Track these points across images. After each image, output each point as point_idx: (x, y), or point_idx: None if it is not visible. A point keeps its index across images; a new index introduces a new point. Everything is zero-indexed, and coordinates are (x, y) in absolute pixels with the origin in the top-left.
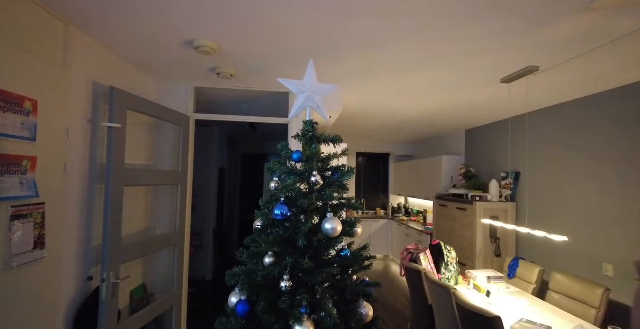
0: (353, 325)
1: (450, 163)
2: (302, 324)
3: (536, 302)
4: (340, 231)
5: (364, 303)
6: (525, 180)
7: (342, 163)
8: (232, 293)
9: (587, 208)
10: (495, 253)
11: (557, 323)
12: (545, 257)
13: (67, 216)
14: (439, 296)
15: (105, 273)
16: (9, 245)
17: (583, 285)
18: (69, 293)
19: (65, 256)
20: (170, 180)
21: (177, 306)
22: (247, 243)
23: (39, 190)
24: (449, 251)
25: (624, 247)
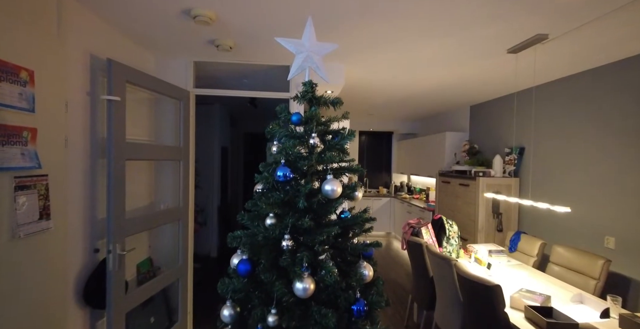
0: (354, 284)
1: (454, 140)
2: (302, 281)
3: (536, 274)
4: (340, 193)
5: (364, 263)
6: (530, 155)
7: (342, 127)
8: (233, 256)
9: (591, 182)
10: (497, 228)
11: (557, 292)
12: (547, 231)
13: (71, 189)
14: (440, 268)
15: (111, 245)
16: (15, 215)
17: (584, 257)
18: (76, 264)
19: (71, 228)
20: (173, 155)
21: (183, 279)
22: (249, 206)
23: (42, 162)
24: (451, 225)
25: (627, 220)
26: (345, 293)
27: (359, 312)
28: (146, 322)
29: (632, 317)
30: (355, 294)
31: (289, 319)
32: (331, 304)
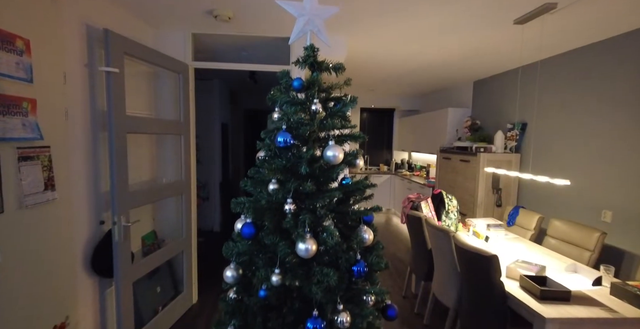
0: (354, 247)
1: (456, 116)
2: (305, 242)
3: (533, 246)
4: (342, 159)
5: (364, 227)
6: (532, 131)
7: (344, 94)
8: (237, 220)
9: (591, 156)
10: (497, 203)
11: (552, 263)
12: (545, 206)
13: (73, 161)
14: (438, 240)
15: (116, 217)
16: (20, 185)
17: (580, 230)
18: (83, 235)
19: (76, 199)
20: (173, 129)
21: (187, 251)
22: (251, 173)
23: (43, 134)
24: (451, 199)
25: (624, 195)
26: (346, 254)
27: (359, 273)
28: (153, 292)
29: (624, 285)
30: (355, 256)
31: (292, 278)
32: (332, 265)
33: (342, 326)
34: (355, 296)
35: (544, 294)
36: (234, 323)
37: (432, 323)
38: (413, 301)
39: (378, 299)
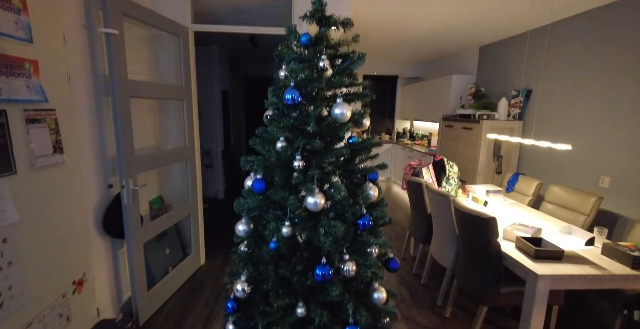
0: (360, 202)
1: (460, 83)
2: (314, 196)
3: (530, 211)
4: (349, 117)
5: (370, 184)
6: (537, 98)
7: (352, 50)
8: (247, 178)
9: (595, 123)
10: (497, 170)
11: (548, 226)
12: (545, 172)
13: (79, 125)
14: (438, 204)
15: (123, 181)
16: (29, 147)
17: (577, 195)
18: (93, 198)
19: (84, 163)
20: (175, 95)
21: (194, 215)
22: (260, 132)
23: (48, 97)
24: (452, 166)
25: (624, 161)
26: (352, 208)
27: (365, 226)
28: (162, 253)
29: (615, 245)
30: (361, 210)
31: (301, 229)
32: (339, 219)
33: (347, 274)
34: (361, 248)
35: (538, 254)
36: (247, 270)
37: (429, 283)
38: (411, 263)
39: (381, 251)
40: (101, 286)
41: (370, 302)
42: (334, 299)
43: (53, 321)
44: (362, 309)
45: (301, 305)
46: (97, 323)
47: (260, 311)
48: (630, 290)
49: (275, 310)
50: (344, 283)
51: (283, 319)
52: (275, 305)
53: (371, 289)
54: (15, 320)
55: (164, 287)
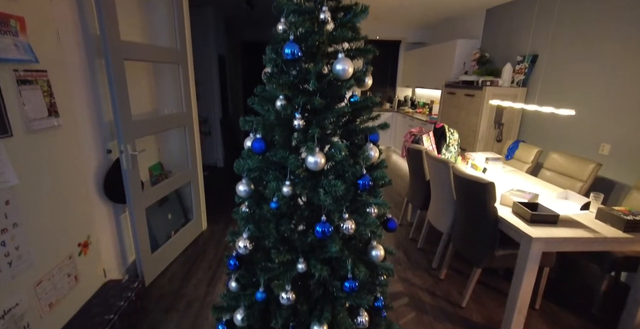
0: (360, 162)
1: (464, 48)
2: (314, 155)
3: (528, 178)
4: (351, 73)
5: (370, 145)
6: (542, 64)
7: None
8: (246, 139)
9: (600, 90)
10: (497, 138)
11: (545, 192)
12: (546, 140)
13: (73, 88)
14: (437, 171)
15: (122, 146)
16: (23, 109)
17: (576, 162)
18: (92, 163)
19: (81, 127)
20: (171, 58)
21: (194, 182)
22: (258, 91)
23: (38, 57)
24: (452, 133)
25: (625, 128)
26: (352, 168)
27: (364, 186)
28: (164, 218)
29: (609, 209)
30: (361, 170)
31: (301, 189)
32: (339, 178)
33: (347, 232)
34: (360, 208)
35: (534, 218)
36: (248, 228)
37: (425, 247)
38: (408, 228)
39: (380, 211)
40: (106, 249)
41: (369, 259)
42: (333, 255)
43: (62, 281)
44: (361, 265)
45: (302, 261)
46: (104, 283)
47: (261, 267)
48: (619, 252)
49: (277, 266)
50: (343, 241)
51: (284, 274)
52: (277, 261)
53: (369, 247)
54: (25, 278)
55: (168, 250)
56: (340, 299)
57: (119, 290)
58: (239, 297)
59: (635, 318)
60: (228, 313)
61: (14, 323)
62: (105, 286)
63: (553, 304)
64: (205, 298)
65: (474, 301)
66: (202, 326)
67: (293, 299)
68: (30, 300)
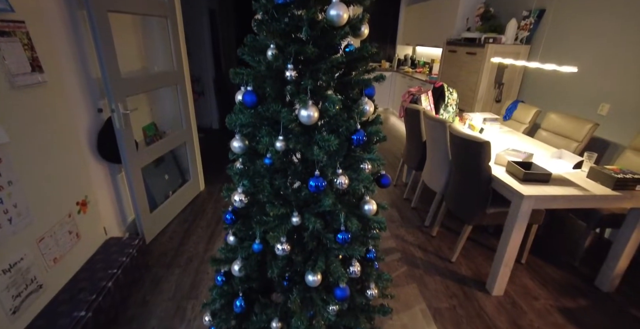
0: (355, 117)
1: (468, 3)
2: (307, 108)
3: (525, 138)
4: (346, 20)
5: (365, 99)
6: (548, 20)
7: None
8: (237, 92)
9: (605, 47)
10: (496, 99)
11: (540, 152)
12: (545, 100)
13: (55, 42)
14: (434, 131)
15: (113, 104)
16: (4, 63)
17: (573, 122)
18: (83, 122)
19: (68, 84)
20: (158, 10)
21: (190, 142)
22: (248, 41)
23: (13, 7)
24: (451, 93)
25: (626, 87)
26: (346, 123)
27: (358, 141)
28: (161, 178)
29: (601, 168)
30: (356, 125)
31: (295, 143)
32: (333, 133)
33: (340, 187)
34: (354, 164)
35: (527, 177)
36: (243, 184)
37: (419, 206)
38: (403, 189)
39: (374, 167)
40: (105, 208)
41: (361, 213)
42: (326, 209)
43: (64, 237)
44: (353, 218)
45: (296, 214)
46: (106, 240)
47: (257, 220)
48: (606, 210)
49: (272, 219)
50: (336, 196)
51: (279, 227)
52: (272, 214)
53: (362, 202)
54: (27, 234)
55: (166, 210)
56: (333, 251)
57: (120, 247)
58: (236, 249)
59: (614, 271)
60: (226, 265)
61: (21, 276)
62: (106, 244)
63: (538, 258)
64: (205, 254)
65: (464, 256)
66: (203, 280)
67: (288, 251)
68: (34, 255)
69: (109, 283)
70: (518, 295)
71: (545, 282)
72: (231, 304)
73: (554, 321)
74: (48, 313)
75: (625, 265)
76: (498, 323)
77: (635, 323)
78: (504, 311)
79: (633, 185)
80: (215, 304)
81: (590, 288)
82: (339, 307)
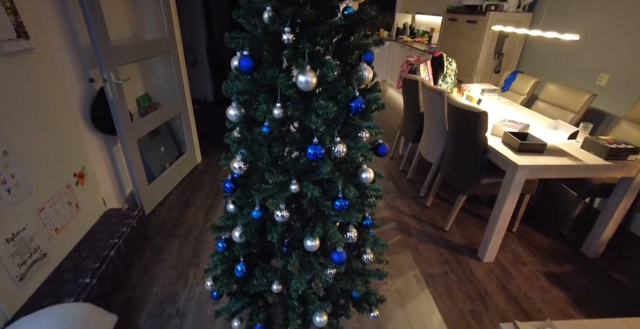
0: (353, 83)
1: None
2: (305, 74)
3: (522, 109)
4: None
5: (364, 65)
6: None
7: None
8: (233, 58)
9: (608, 16)
10: (495, 69)
11: (536, 123)
12: (545, 70)
13: (39, 6)
14: (432, 102)
15: (105, 73)
16: None
17: (571, 93)
18: (75, 92)
19: (57, 53)
20: None
21: (185, 114)
22: (243, 2)
23: None
24: (450, 62)
25: (627, 57)
26: (345, 89)
27: (357, 108)
28: (157, 151)
29: (595, 139)
30: (354, 91)
31: (293, 110)
32: (331, 100)
33: (338, 155)
34: (352, 132)
35: (522, 147)
36: (241, 152)
37: (415, 178)
38: (399, 161)
39: (372, 135)
40: (103, 180)
41: (358, 181)
42: (324, 177)
43: (64, 208)
44: (351, 186)
45: (294, 182)
46: (105, 211)
47: (256, 188)
48: (597, 180)
49: (271, 187)
50: (334, 164)
51: (278, 194)
52: (271, 181)
53: (360, 170)
54: (27, 205)
55: (164, 182)
56: (331, 217)
57: (120, 218)
58: (236, 217)
59: (600, 238)
60: (227, 232)
61: (24, 245)
62: (106, 215)
63: (529, 227)
64: (205, 225)
65: (457, 225)
66: (203, 249)
67: (287, 217)
68: (36, 225)
69: (111, 252)
70: (508, 261)
71: (534, 249)
72: (232, 270)
73: (540, 285)
74: (54, 280)
75: (611, 232)
76: (487, 287)
77: (615, 285)
78: (494, 276)
79: (625, 154)
80: (216, 269)
81: (576, 255)
82: (336, 270)
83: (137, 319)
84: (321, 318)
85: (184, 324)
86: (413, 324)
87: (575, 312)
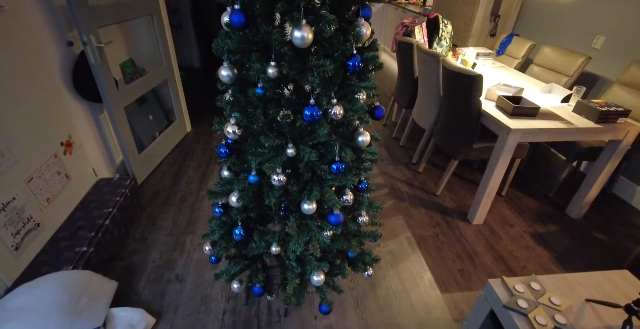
0: (351, 40)
1: None
2: (301, 29)
3: (516, 74)
4: None
5: (362, 20)
6: None
7: None
8: (223, 13)
9: None
10: (491, 32)
11: (530, 87)
12: (542, 33)
13: None
14: (427, 66)
15: (84, 36)
16: None
17: (566, 56)
18: (53, 56)
19: (28, 11)
20: None
21: (172, 81)
22: None
23: None
24: (446, 25)
25: (624, 18)
26: (342, 46)
27: (354, 67)
28: (146, 119)
29: (587, 102)
30: (352, 49)
31: (288, 68)
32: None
33: (335, 117)
34: (349, 94)
35: (515, 111)
36: (235, 116)
37: (407, 145)
38: (392, 128)
39: (369, 94)
40: (91, 149)
41: (355, 144)
42: (321, 140)
43: (53, 178)
44: (347, 149)
45: (291, 146)
46: (97, 181)
47: (252, 152)
48: (585, 143)
49: (267, 151)
50: (331, 127)
51: (274, 158)
52: (267, 145)
53: (356, 133)
54: (14, 175)
55: (154, 151)
56: (328, 181)
57: (112, 187)
58: (232, 182)
59: (584, 199)
60: (223, 197)
61: (16, 215)
62: (98, 185)
63: (517, 191)
64: (199, 193)
65: (448, 190)
66: (199, 217)
67: (284, 181)
68: (26, 195)
69: (106, 221)
70: (496, 223)
71: (522, 211)
72: (230, 234)
73: (525, 244)
74: (50, 249)
75: (595, 194)
76: (476, 247)
77: (596, 243)
78: (482, 237)
79: (615, 117)
80: (214, 234)
81: (561, 215)
82: (333, 232)
83: (137, 285)
84: (318, 277)
85: (184, 288)
86: (405, 282)
87: (558, 268)
